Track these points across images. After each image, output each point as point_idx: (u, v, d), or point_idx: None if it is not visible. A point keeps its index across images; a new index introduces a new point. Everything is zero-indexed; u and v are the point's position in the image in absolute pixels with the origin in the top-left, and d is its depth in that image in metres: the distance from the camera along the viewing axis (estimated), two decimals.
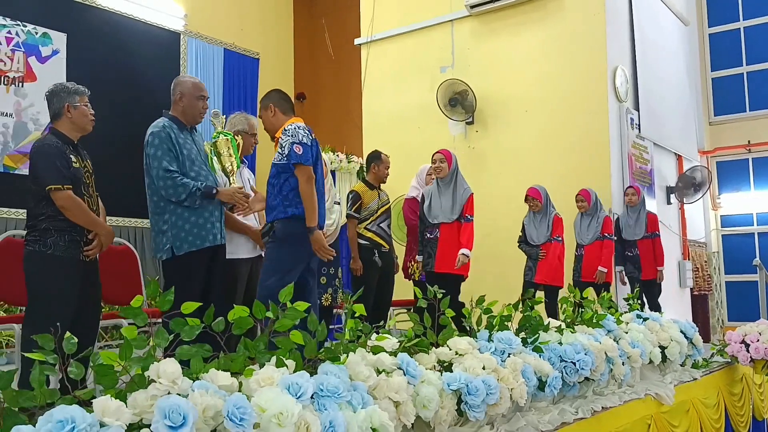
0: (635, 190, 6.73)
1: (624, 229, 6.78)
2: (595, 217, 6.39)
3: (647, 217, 6.73)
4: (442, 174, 5.26)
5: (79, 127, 3.47)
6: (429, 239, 5.20)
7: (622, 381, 3.45)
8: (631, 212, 6.78)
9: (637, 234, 6.72)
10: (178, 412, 1.46)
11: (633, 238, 6.73)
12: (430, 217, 5.24)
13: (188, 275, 3.55)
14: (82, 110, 3.45)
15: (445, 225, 5.14)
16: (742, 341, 4.65)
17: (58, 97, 3.44)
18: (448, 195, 5.20)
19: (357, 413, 1.87)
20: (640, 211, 6.73)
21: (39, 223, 3.31)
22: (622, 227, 6.79)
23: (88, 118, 3.48)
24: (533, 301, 3.14)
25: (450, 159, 5.30)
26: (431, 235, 5.19)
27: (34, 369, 1.50)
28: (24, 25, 6.91)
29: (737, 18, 9.95)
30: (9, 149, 6.71)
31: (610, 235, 6.35)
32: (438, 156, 5.33)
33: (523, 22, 7.33)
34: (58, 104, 3.44)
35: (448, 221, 5.13)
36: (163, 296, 1.72)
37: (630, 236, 6.75)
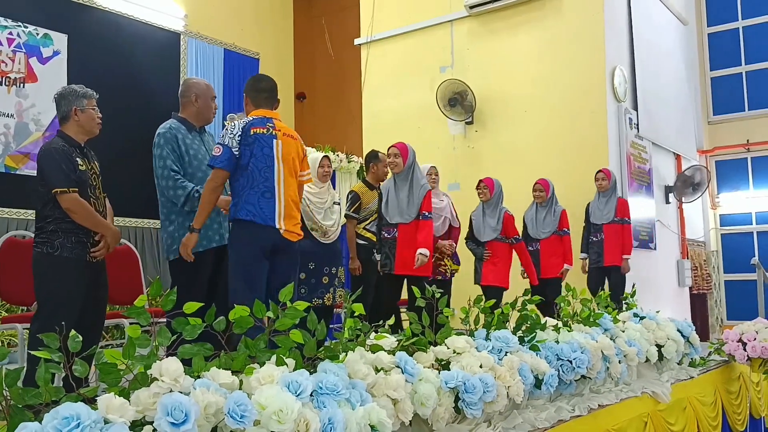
0: (605, 174, 6.42)
1: (592, 214, 6.47)
2: (551, 210, 6.14)
3: (618, 202, 6.39)
4: (397, 169, 4.96)
5: (86, 131, 3.51)
6: (386, 239, 4.94)
7: (619, 379, 3.48)
8: (601, 197, 6.44)
9: (605, 218, 6.37)
10: (181, 409, 1.49)
11: (600, 222, 6.39)
12: (386, 216, 4.97)
13: (194, 275, 3.58)
14: (90, 114, 3.49)
15: (403, 225, 4.87)
16: (739, 340, 4.69)
17: (66, 100, 3.49)
18: (405, 192, 4.93)
19: (356, 411, 1.90)
20: (611, 196, 6.41)
21: (46, 225, 3.36)
22: (590, 212, 6.49)
23: (95, 122, 3.52)
24: (531, 300, 3.17)
25: (406, 153, 5.00)
26: (389, 235, 4.93)
27: (39, 367, 1.53)
28: (25, 26, 6.94)
29: (736, 17, 9.97)
30: (10, 150, 6.74)
31: (568, 230, 6.12)
32: (392, 150, 5.04)
33: (522, 22, 7.36)
34: (66, 107, 3.48)
35: (405, 221, 4.87)
36: (166, 296, 1.75)
37: (597, 220, 6.41)
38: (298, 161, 3.68)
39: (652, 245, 7.49)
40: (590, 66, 6.91)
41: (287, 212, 3.54)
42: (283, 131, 3.63)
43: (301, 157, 3.73)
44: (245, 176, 3.49)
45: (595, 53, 6.91)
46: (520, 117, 7.27)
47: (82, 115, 3.48)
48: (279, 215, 3.51)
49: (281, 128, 3.64)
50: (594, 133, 6.86)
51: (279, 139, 3.57)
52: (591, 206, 6.51)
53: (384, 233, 4.99)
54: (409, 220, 4.85)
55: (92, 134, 3.56)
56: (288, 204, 3.56)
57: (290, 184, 3.59)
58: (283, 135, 3.61)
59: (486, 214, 5.81)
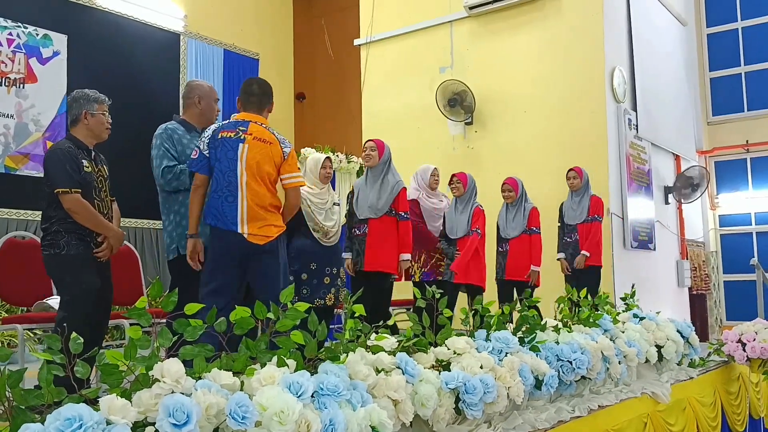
0: (576, 173, 6.21)
1: (566, 213, 6.28)
2: (521, 208, 5.94)
3: (591, 200, 6.16)
4: (371, 162, 4.92)
5: (94, 134, 3.56)
6: (357, 236, 4.86)
7: (619, 380, 3.49)
8: (574, 196, 6.25)
9: (578, 218, 6.16)
10: (182, 410, 1.50)
11: (573, 222, 6.19)
12: (357, 211, 4.89)
13: (193, 276, 3.59)
14: (99, 118, 3.54)
15: (373, 221, 4.79)
16: (739, 340, 4.69)
17: (77, 103, 3.54)
18: (377, 187, 4.86)
19: (356, 411, 1.91)
20: (584, 195, 6.19)
21: (50, 227, 3.42)
22: (564, 212, 6.30)
23: (104, 126, 3.57)
24: (531, 300, 3.18)
25: (382, 149, 4.95)
26: (359, 231, 4.84)
27: (41, 368, 1.54)
28: (25, 26, 6.95)
29: (735, 18, 9.98)
30: (10, 150, 6.74)
31: (537, 229, 5.89)
32: (369, 144, 4.99)
33: (521, 22, 7.37)
34: (77, 110, 3.53)
35: (375, 217, 4.78)
36: (167, 297, 1.76)
37: (571, 220, 6.22)
38: (269, 166, 3.57)
39: (651, 246, 7.50)
40: (590, 66, 6.92)
41: (251, 215, 3.51)
42: (255, 135, 3.58)
43: (275, 161, 3.60)
44: (213, 180, 3.57)
45: (595, 54, 6.92)
46: (520, 117, 7.28)
47: (92, 120, 3.53)
48: (242, 220, 3.50)
49: (255, 132, 3.60)
50: (593, 133, 6.87)
51: (246, 143, 3.54)
52: (564, 206, 6.33)
53: (355, 230, 4.90)
54: (379, 214, 4.78)
55: (101, 139, 3.61)
56: (252, 208, 3.51)
57: (254, 188, 3.53)
58: (254, 139, 3.57)
59: (458, 210, 5.65)
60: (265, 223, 3.55)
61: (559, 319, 3.41)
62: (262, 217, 3.54)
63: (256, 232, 3.52)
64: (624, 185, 7.02)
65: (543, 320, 3.21)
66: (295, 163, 3.72)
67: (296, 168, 3.73)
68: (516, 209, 5.93)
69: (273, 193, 3.63)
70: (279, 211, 3.66)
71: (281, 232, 3.64)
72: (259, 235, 3.53)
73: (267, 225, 3.55)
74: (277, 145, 3.62)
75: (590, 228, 6.08)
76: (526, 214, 5.87)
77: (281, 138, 3.70)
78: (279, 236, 3.62)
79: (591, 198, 6.16)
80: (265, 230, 3.55)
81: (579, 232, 6.13)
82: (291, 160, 3.67)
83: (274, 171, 3.60)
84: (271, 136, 3.64)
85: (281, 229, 3.64)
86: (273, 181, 3.62)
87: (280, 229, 3.63)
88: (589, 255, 6.00)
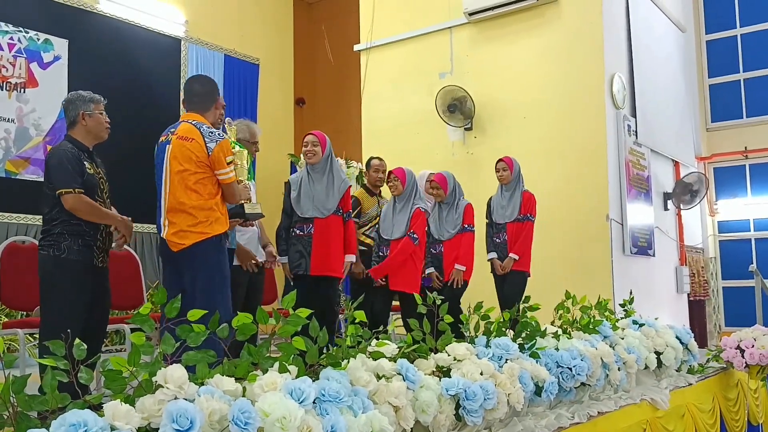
0: (506, 164, 5.62)
1: (495, 210, 5.66)
2: (454, 206, 5.44)
3: (522, 196, 5.56)
4: (315, 159, 4.62)
5: (93, 135, 3.55)
6: (300, 236, 4.49)
7: (618, 386, 3.50)
8: (504, 190, 5.66)
9: (508, 216, 5.55)
10: (186, 416, 1.51)
11: (502, 221, 5.59)
12: (299, 210, 4.53)
13: None
14: (97, 118, 3.53)
15: (319, 220, 4.49)
16: (738, 347, 4.70)
17: (73, 105, 3.53)
18: (323, 185, 4.57)
19: (358, 418, 1.92)
20: (514, 190, 5.60)
21: (53, 228, 3.39)
22: (492, 208, 5.69)
23: (102, 126, 3.56)
24: (531, 307, 3.19)
25: (324, 143, 4.68)
26: (302, 231, 4.50)
27: (46, 374, 1.55)
28: (26, 31, 6.96)
29: (734, 25, 10.01)
30: (11, 154, 6.75)
31: (470, 226, 5.38)
32: (310, 138, 4.68)
33: (521, 29, 7.39)
34: (73, 112, 3.53)
35: (322, 216, 4.49)
36: (171, 303, 1.77)
37: (500, 218, 5.60)
38: (189, 164, 3.42)
39: (650, 252, 7.52)
40: (589, 73, 6.94)
41: (169, 219, 3.45)
42: (179, 134, 3.49)
43: (196, 158, 3.44)
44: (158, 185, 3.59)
45: (594, 60, 6.94)
46: (519, 123, 7.30)
47: (89, 120, 3.52)
48: (163, 222, 3.49)
49: (180, 131, 3.51)
50: (593, 139, 6.89)
51: (171, 144, 3.49)
52: (493, 201, 5.72)
53: (296, 230, 4.53)
54: (326, 214, 4.50)
55: (100, 138, 3.60)
56: (171, 209, 3.44)
57: (172, 191, 3.43)
58: (177, 138, 3.48)
59: (396, 209, 5.22)
60: (177, 228, 3.43)
61: (558, 326, 3.42)
62: (176, 220, 3.43)
63: (170, 237, 3.45)
64: (623, 191, 7.03)
65: (544, 327, 3.22)
66: (221, 159, 3.49)
67: (223, 164, 3.51)
68: (449, 208, 5.45)
69: (198, 193, 3.44)
70: (209, 214, 3.47)
71: (203, 239, 3.43)
72: (173, 241, 3.44)
73: (182, 231, 3.43)
74: (199, 141, 3.45)
75: (521, 228, 5.52)
76: (460, 212, 5.40)
77: (208, 132, 3.51)
78: (200, 243, 3.42)
79: (523, 194, 5.58)
80: (180, 236, 3.43)
81: (508, 231, 5.54)
82: (216, 156, 3.47)
83: (196, 168, 3.44)
84: (195, 132, 3.48)
85: (203, 235, 3.43)
86: (199, 180, 3.45)
87: (201, 236, 3.42)
88: (517, 258, 5.44)
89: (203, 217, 3.44)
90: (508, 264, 5.46)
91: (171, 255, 3.49)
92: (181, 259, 3.46)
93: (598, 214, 6.67)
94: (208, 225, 3.45)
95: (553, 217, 6.53)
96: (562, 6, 7.15)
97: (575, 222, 6.72)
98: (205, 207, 3.45)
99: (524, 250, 5.49)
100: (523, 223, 5.52)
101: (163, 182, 3.50)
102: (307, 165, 4.71)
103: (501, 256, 5.53)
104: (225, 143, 3.53)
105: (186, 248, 3.43)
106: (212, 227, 3.46)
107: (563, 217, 6.71)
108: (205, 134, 3.49)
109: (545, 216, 6.67)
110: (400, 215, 5.16)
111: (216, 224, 3.48)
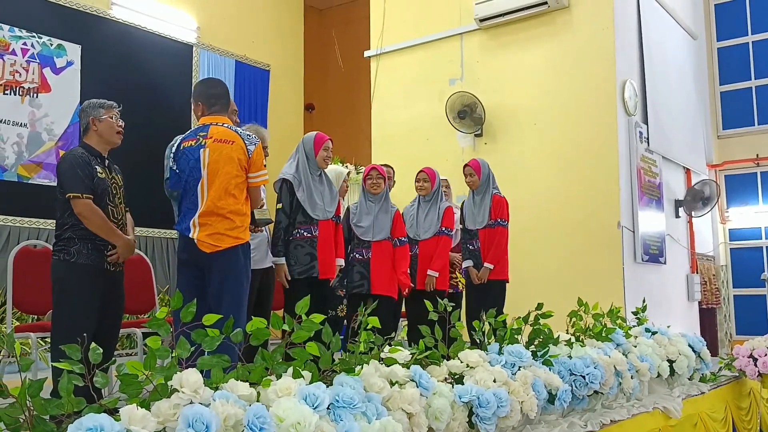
0: (473, 169, 5.36)
1: (467, 216, 5.39)
2: (435, 205, 5.24)
3: (492, 200, 5.28)
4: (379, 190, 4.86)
5: (105, 140, 3.57)
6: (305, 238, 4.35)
7: (631, 394, 3.48)
8: (475, 195, 5.37)
9: (479, 222, 5.28)
10: (202, 420, 1.51)
11: (474, 227, 5.31)
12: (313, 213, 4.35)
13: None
14: (108, 122, 3.55)
15: (323, 222, 4.41)
16: (750, 355, 4.67)
17: (85, 113, 3.58)
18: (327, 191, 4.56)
19: (372, 424, 1.91)
20: (484, 195, 5.32)
21: (64, 233, 3.42)
22: (465, 214, 5.41)
23: (114, 130, 3.58)
24: (544, 314, 3.17)
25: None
26: (309, 233, 4.35)
27: (62, 378, 1.55)
28: (39, 36, 7.01)
29: (746, 32, 9.98)
30: (23, 159, 6.79)
31: (447, 230, 5.17)
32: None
33: (532, 36, 7.39)
34: (85, 119, 3.58)
35: (325, 219, 4.43)
36: (186, 308, 1.77)
37: (472, 224, 5.33)
38: (231, 166, 3.46)
39: (662, 259, 7.48)
40: (600, 80, 6.93)
41: (203, 221, 3.45)
42: (215, 137, 3.51)
43: (239, 161, 3.48)
44: (183, 190, 3.58)
45: (606, 67, 6.92)
46: (530, 130, 7.29)
47: (100, 125, 3.54)
48: (194, 225, 3.47)
49: (215, 134, 3.52)
50: (604, 146, 6.86)
51: (207, 148, 3.49)
52: (465, 207, 5.45)
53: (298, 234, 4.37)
54: (328, 216, 4.41)
55: (113, 143, 3.61)
56: (207, 212, 3.44)
57: (212, 194, 3.45)
58: (214, 141, 3.50)
59: (422, 209, 5.16)
60: (214, 231, 3.43)
61: (571, 333, 3.40)
62: (213, 223, 3.44)
63: (205, 239, 3.44)
64: (635, 198, 7.00)
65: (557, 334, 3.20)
66: (260, 161, 3.56)
67: (261, 166, 3.56)
68: (429, 206, 5.24)
69: (235, 198, 3.48)
70: (244, 220, 3.51)
71: (238, 244, 3.47)
72: (207, 243, 3.44)
73: (218, 234, 3.43)
74: (240, 143, 3.49)
75: (494, 234, 5.22)
76: (440, 213, 5.18)
77: (246, 135, 3.55)
78: (235, 248, 3.45)
79: (492, 198, 5.30)
80: (216, 239, 3.44)
81: (480, 238, 5.26)
82: (256, 158, 3.52)
83: (239, 171, 3.48)
84: (234, 135, 3.52)
85: (238, 240, 3.46)
86: (239, 184, 3.49)
87: (236, 241, 3.45)
88: (492, 267, 5.15)
89: (240, 222, 3.49)
90: (484, 274, 5.16)
91: (197, 257, 3.48)
92: (211, 262, 3.46)
93: (610, 221, 6.64)
94: (243, 231, 3.50)
95: (565, 225, 6.51)
96: (573, 13, 7.14)
97: (586, 229, 6.69)
98: (241, 212, 3.51)
99: (499, 258, 5.20)
100: (495, 228, 5.23)
101: (200, 185, 3.49)
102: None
103: (477, 264, 5.24)
104: (261, 146, 3.60)
105: (220, 251, 3.44)
106: (245, 233, 3.52)
107: (574, 224, 6.69)
108: (243, 137, 3.54)
109: (556, 223, 6.67)
110: (430, 215, 5.15)
111: (247, 231, 3.55)
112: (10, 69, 6.77)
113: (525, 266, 6.20)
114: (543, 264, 6.67)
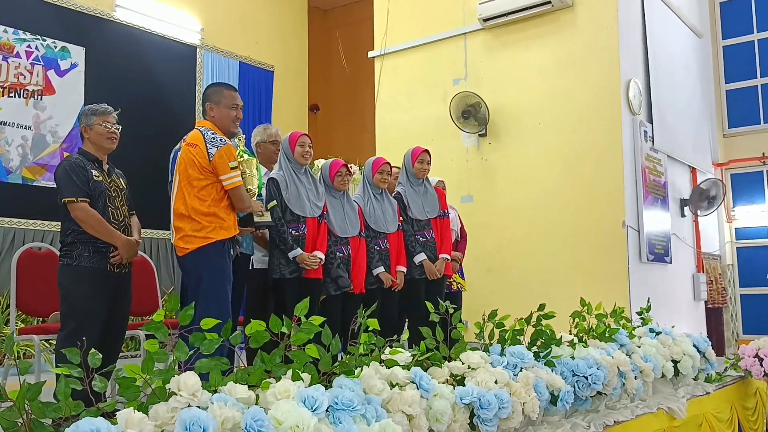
0: (430, 157, 5.03)
1: (412, 206, 4.91)
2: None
3: (435, 189, 5.08)
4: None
5: (97, 146, 3.60)
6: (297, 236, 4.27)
7: (635, 395, 3.46)
8: (417, 184, 5.02)
9: (429, 212, 4.94)
10: (199, 424, 1.51)
11: (424, 217, 4.92)
12: (297, 209, 4.26)
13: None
14: (98, 129, 3.59)
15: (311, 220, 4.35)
16: (756, 355, 4.65)
17: (79, 121, 3.67)
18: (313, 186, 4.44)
19: (371, 426, 1.91)
20: (427, 183, 5.06)
21: (67, 238, 3.48)
22: (408, 202, 4.91)
23: (104, 137, 3.60)
24: (547, 314, 3.16)
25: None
26: (298, 232, 4.25)
27: (59, 382, 1.55)
28: (43, 39, 7.03)
29: (751, 30, 9.92)
30: (28, 161, 6.81)
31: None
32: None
33: (536, 35, 7.36)
34: (80, 126, 3.66)
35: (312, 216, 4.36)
36: (184, 311, 1.77)
37: (421, 214, 4.91)
38: (192, 169, 3.45)
39: (667, 259, 7.44)
40: (605, 79, 6.90)
41: (176, 225, 3.51)
42: (187, 141, 3.56)
43: (199, 164, 3.44)
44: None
45: (610, 66, 6.89)
46: (534, 129, 7.27)
47: (91, 132, 3.61)
48: (172, 229, 3.57)
49: (188, 138, 3.58)
50: (609, 145, 6.83)
51: (181, 151, 3.58)
52: (405, 197, 4.94)
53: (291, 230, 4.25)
54: (315, 214, 4.34)
55: (105, 149, 3.64)
56: (176, 215, 3.50)
57: (178, 196, 3.49)
58: (186, 145, 3.54)
59: (420, 192, 4.97)
60: (184, 234, 3.46)
61: (574, 334, 3.39)
62: (179, 225, 3.48)
63: (177, 242, 3.51)
64: (640, 197, 6.97)
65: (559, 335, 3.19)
66: (224, 164, 3.46)
67: (226, 169, 3.47)
68: (390, 198, 4.92)
69: (202, 200, 3.45)
70: (212, 220, 3.47)
71: (208, 244, 3.43)
72: (179, 246, 3.51)
73: (186, 236, 3.46)
74: (201, 146, 3.45)
75: (444, 225, 5.02)
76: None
77: (210, 138, 3.49)
78: (204, 247, 3.43)
79: (435, 188, 5.10)
80: (185, 241, 3.46)
81: (434, 228, 4.96)
82: (218, 161, 3.44)
83: (199, 174, 3.45)
84: (199, 138, 3.50)
85: (206, 240, 3.43)
86: (204, 187, 3.46)
87: (205, 241, 3.43)
88: (449, 259, 4.93)
89: (207, 222, 3.46)
90: (441, 266, 4.84)
91: (179, 260, 3.60)
92: (185, 264, 3.55)
93: (615, 220, 6.61)
94: (212, 230, 3.47)
95: (569, 224, 6.49)
96: (577, 12, 7.12)
97: (591, 229, 6.66)
98: (208, 213, 3.47)
99: (450, 250, 4.97)
100: (443, 219, 5.01)
101: (172, 188, 3.61)
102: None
103: (431, 256, 4.83)
104: (226, 148, 3.50)
105: (190, 253, 3.47)
106: (216, 232, 3.47)
107: (579, 223, 6.66)
108: (207, 140, 3.50)
109: (561, 222, 6.65)
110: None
111: (220, 230, 3.49)
112: (14, 71, 6.79)
113: (529, 266, 6.18)
114: (547, 263, 6.64)
